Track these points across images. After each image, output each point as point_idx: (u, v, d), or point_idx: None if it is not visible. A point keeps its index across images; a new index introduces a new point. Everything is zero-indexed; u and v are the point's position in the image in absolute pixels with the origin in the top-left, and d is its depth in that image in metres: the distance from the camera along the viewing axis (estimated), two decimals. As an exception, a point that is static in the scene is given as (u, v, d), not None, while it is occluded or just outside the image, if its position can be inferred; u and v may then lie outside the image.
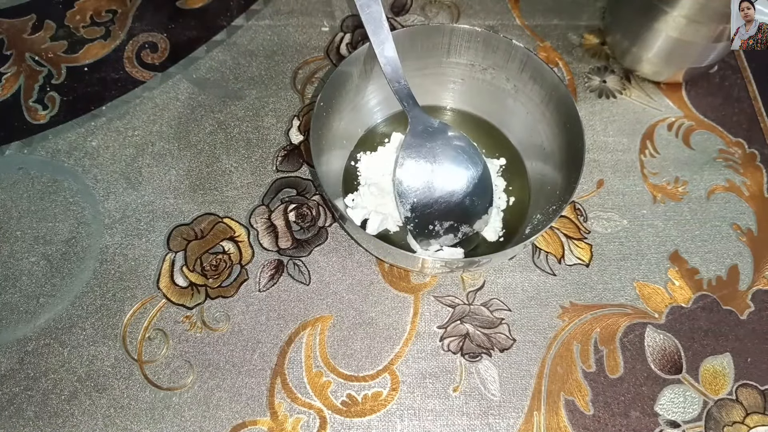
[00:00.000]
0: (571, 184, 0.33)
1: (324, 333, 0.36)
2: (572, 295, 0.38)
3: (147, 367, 0.35)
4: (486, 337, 0.36)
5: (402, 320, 0.37)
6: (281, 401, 0.34)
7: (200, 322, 0.37)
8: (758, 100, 0.45)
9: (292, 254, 0.39)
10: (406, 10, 0.49)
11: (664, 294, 0.38)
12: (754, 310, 0.37)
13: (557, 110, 0.37)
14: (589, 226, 0.40)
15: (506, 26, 0.49)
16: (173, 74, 0.46)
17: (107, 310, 0.37)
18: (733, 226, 0.40)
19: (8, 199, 0.41)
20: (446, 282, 0.38)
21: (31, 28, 0.48)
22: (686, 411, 0.34)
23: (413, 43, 0.38)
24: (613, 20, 0.46)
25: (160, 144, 0.43)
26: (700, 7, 0.38)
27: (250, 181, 0.41)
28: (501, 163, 0.41)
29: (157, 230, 0.39)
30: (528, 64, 0.37)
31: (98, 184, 0.41)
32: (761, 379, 0.35)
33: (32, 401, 0.34)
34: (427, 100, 0.40)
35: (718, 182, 0.42)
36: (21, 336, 0.36)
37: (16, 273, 0.38)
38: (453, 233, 0.37)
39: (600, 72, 0.46)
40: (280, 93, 0.45)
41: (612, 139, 0.43)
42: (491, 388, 0.35)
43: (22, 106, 0.44)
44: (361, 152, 0.41)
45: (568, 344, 0.36)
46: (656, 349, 0.36)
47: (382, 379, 0.35)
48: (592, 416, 0.34)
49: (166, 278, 0.38)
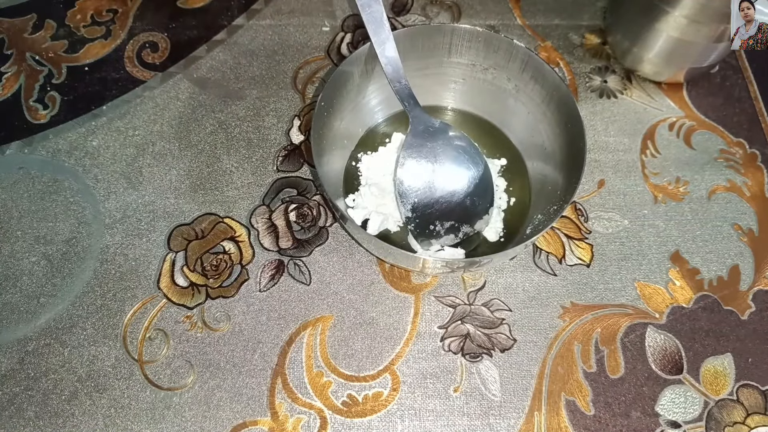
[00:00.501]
0: (572, 184, 0.33)
1: (325, 333, 0.36)
2: (573, 295, 0.38)
3: (147, 367, 0.35)
4: (487, 338, 0.36)
5: (403, 320, 0.37)
6: (282, 401, 0.34)
7: (201, 322, 0.37)
8: (759, 100, 0.45)
9: (292, 254, 0.39)
10: (407, 9, 0.49)
11: (665, 294, 0.38)
12: (755, 310, 0.37)
13: (558, 110, 0.37)
14: (590, 227, 0.40)
15: (507, 26, 0.49)
16: (174, 74, 0.46)
17: (108, 310, 0.37)
18: (734, 227, 0.40)
19: (9, 199, 0.41)
20: (447, 282, 0.38)
21: (31, 28, 0.48)
22: (687, 411, 0.34)
23: (414, 43, 0.38)
24: (614, 20, 0.46)
25: (161, 144, 0.43)
26: (700, 7, 0.38)
27: (251, 180, 0.41)
28: (502, 163, 0.41)
29: (157, 230, 0.39)
30: (529, 64, 0.37)
31: (99, 183, 0.41)
32: (762, 379, 0.35)
33: (33, 401, 0.34)
34: (428, 100, 0.40)
35: (719, 182, 0.42)
36: (21, 336, 0.36)
37: (16, 273, 0.38)
38: (454, 233, 0.37)
39: (601, 72, 0.46)
40: (280, 93, 0.45)
41: (613, 139, 0.43)
42: (492, 388, 0.35)
43: (22, 105, 0.44)
44: (362, 152, 0.41)
45: (569, 344, 0.36)
46: (657, 349, 0.36)
47: (382, 380, 0.35)
48: (592, 416, 0.34)
49: (167, 278, 0.38)
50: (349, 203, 0.39)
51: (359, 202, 0.39)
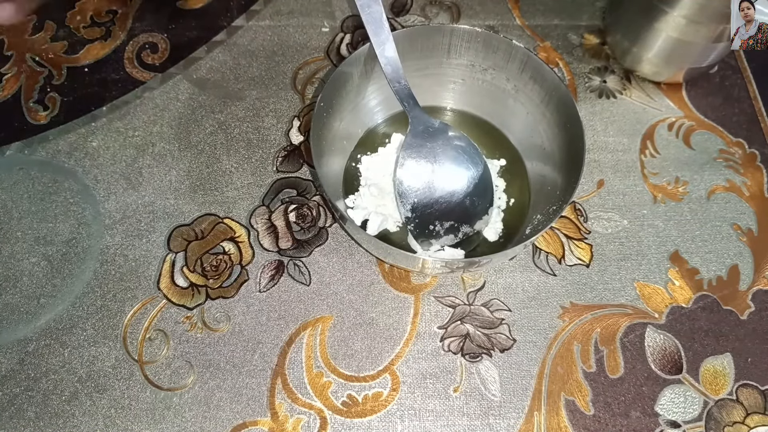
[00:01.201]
0: (572, 185, 0.33)
1: (324, 333, 0.36)
2: (572, 295, 0.38)
3: (147, 368, 0.35)
4: (486, 338, 0.36)
5: (402, 320, 0.37)
6: (282, 402, 0.34)
7: (201, 323, 0.37)
8: (758, 100, 0.45)
9: (292, 255, 0.39)
10: (407, 10, 0.50)
11: (664, 294, 0.38)
12: (754, 310, 0.37)
13: (557, 110, 0.37)
14: (589, 227, 0.40)
15: (506, 26, 0.49)
16: (173, 75, 0.46)
17: (108, 310, 0.37)
18: (733, 226, 0.40)
19: (9, 200, 0.41)
20: (447, 282, 0.38)
21: (31, 29, 0.48)
22: (687, 411, 0.34)
23: (413, 44, 0.38)
24: (614, 20, 0.46)
25: (161, 144, 0.43)
26: (700, 8, 0.38)
27: (251, 181, 0.41)
28: (501, 163, 0.41)
29: (157, 231, 0.39)
30: (528, 64, 0.37)
31: (99, 184, 0.41)
32: (761, 379, 0.35)
33: (33, 402, 0.34)
34: (427, 101, 0.40)
35: (719, 182, 0.42)
36: (21, 337, 0.36)
37: (16, 273, 0.38)
38: (453, 233, 0.37)
39: (600, 72, 0.46)
40: (280, 93, 0.45)
41: (612, 139, 0.43)
42: (492, 388, 0.35)
43: (22, 106, 0.44)
44: (361, 153, 0.41)
45: (569, 344, 0.36)
46: (656, 349, 0.36)
47: (382, 380, 0.35)
48: (592, 416, 0.34)
49: (167, 279, 0.38)
50: (349, 204, 0.39)
51: (359, 203, 0.39)
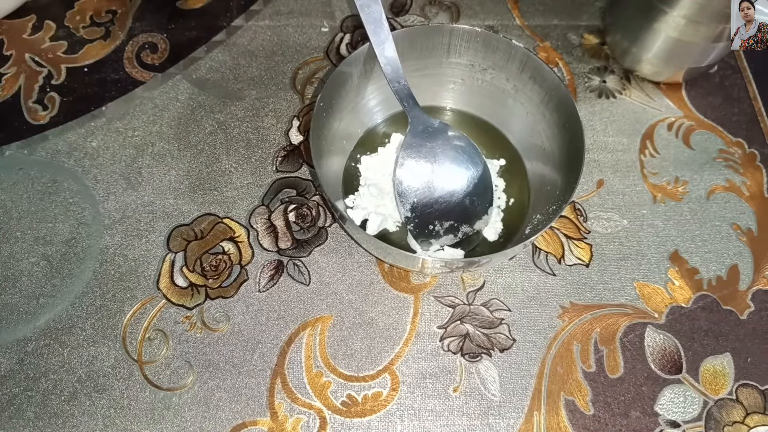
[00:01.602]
0: (571, 184, 0.33)
1: (324, 333, 0.36)
2: (572, 295, 0.38)
3: (147, 368, 0.35)
4: (486, 337, 0.36)
5: (402, 320, 0.37)
6: (281, 401, 0.34)
7: (200, 323, 0.37)
8: (758, 100, 0.45)
9: (292, 254, 0.39)
10: (406, 10, 0.50)
11: (664, 294, 0.38)
12: (754, 310, 0.37)
13: (557, 110, 0.37)
14: (589, 226, 0.40)
15: (506, 26, 0.49)
16: (173, 75, 0.46)
17: (107, 310, 0.37)
18: (733, 226, 0.40)
19: (8, 200, 0.41)
20: (446, 282, 0.38)
21: (31, 29, 0.48)
22: (686, 411, 0.34)
23: (413, 44, 0.38)
24: (613, 20, 0.46)
25: (160, 144, 0.43)
26: (699, 8, 0.38)
27: (250, 181, 0.41)
28: (501, 163, 0.41)
29: (157, 231, 0.39)
30: (528, 64, 0.37)
31: (98, 184, 0.41)
32: (761, 378, 0.35)
33: (32, 402, 0.34)
34: (427, 101, 0.40)
35: (718, 182, 0.42)
36: (21, 336, 0.36)
37: (16, 273, 0.38)
38: (453, 233, 0.37)
39: (600, 72, 0.46)
40: (279, 93, 0.45)
41: (612, 139, 0.43)
42: (491, 388, 0.35)
43: (22, 106, 0.44)
44: (361, 153, 0.41)
45: (568, 344, 0.36)
46: (656, 349, 0.36)
47: (382, 380, 0.35)
48: (592, 416, 0.34)
49: (166, 279, 0.38)
50: (348, 203, 0.39)
51: (358, 203, 0.39)
